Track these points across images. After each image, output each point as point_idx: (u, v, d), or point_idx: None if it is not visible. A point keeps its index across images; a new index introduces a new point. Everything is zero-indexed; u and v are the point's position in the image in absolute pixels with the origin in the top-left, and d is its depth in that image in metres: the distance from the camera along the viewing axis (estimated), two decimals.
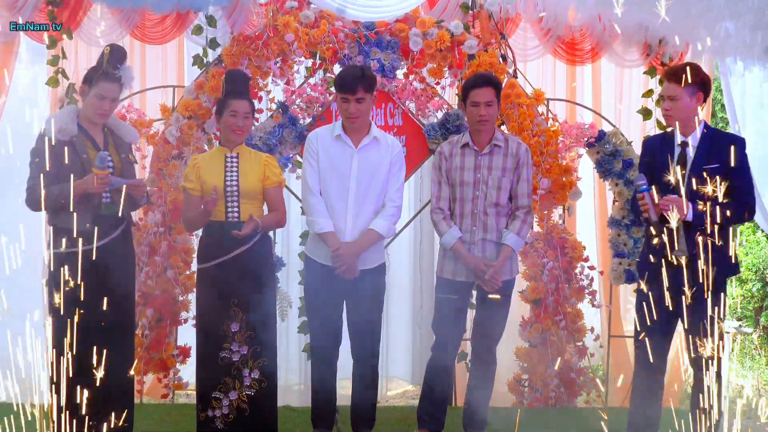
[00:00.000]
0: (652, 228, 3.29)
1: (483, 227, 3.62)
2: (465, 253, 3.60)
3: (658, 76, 4.55)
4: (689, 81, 3.32)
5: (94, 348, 3.14)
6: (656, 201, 3.26)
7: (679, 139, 3.42)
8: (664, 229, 3.23)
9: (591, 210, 5.04)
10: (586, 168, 4.79)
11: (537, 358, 4.39)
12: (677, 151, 3.40)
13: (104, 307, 3.22)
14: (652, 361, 3.29)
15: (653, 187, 3.28)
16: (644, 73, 4.72)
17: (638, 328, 3.39)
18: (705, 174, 3.25)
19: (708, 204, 3.19)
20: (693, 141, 3.39)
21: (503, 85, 4.35)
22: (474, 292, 3.79)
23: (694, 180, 3.26)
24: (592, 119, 4.75)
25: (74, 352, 3.04)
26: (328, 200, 3.56)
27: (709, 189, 3.14)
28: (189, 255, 4.41)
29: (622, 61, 4.70)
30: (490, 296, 3.59)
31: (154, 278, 4.34)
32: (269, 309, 3.62)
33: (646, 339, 3.28)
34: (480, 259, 3.60)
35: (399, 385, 5.15)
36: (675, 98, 3.37)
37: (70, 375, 3.01)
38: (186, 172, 3.64)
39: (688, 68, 3.34)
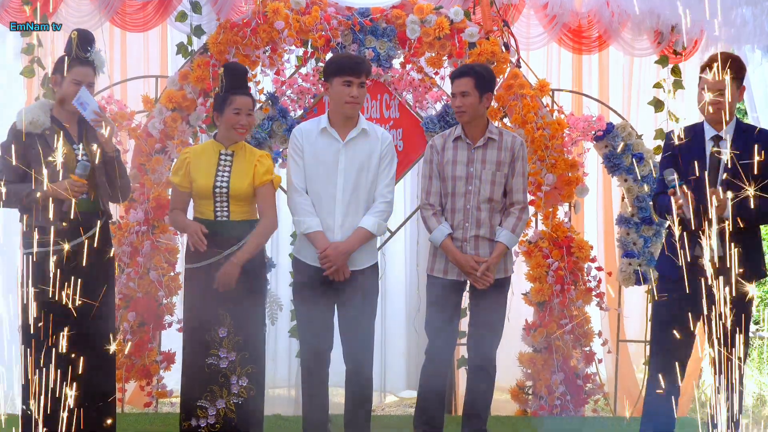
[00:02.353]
0: (672, 227, 3.26)
1: (476, 223, 3.62)
2: (455, 250, 3.61)
3: (671, 65, 4.55)
4: (736, 73, 3.32)
5: (72, 355, 3.15)
6: (689, 197, 3.22)
7: (710, 132, 3.39)
8: (693, 227, 3.19)
9: (595, 207, 5.02)
10: (591, 163, 4.76)
11: (541, 364, 4.39)
12: (709, 145, 3.37)
13: (81, 312, 3.22)
14: (669, 367, 3.28)
15: (684, 182, 3.25)
16: (655, 62, 4.69)
17: (656, 333, 3.36)
18: (740, 170, 3.22)
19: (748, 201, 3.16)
20: (727, 135, 3.35)
21: (505, 75, 4.40)
22: (466, 294, 3.80)
23: (726, 176, 3.23)
24: (599, 111, 4.74)
25: (51, 360, 3.04)
26: (315, 198, 3.56)
27: (749, 189, 3.12)
28: (173, 255, 4.40)
29: (631, 49, 4.69)
30: (476, 286, 3.60)
31: (136, 280, 4.33)
32: (259, 313, 3.63)
33: (664, 344, 3.26)
34: (471, 256, 3.60)
35: (395, 393, 5.15)
36: (723, 90, 3.34)
37: (47, 384, 3.02)
38: (175, 165, 3.62)
39: (733, 61, 3.33)
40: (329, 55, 4.41)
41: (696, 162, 3.27)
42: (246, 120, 3.54)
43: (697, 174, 3.23)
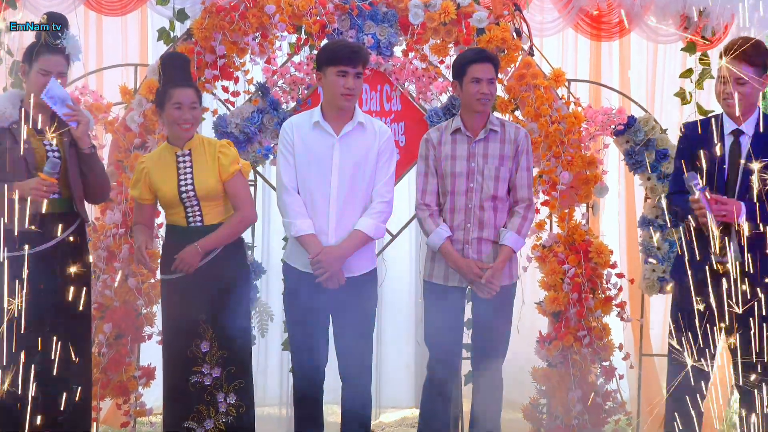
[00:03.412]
0: (686, 230, 3.25)
1: (478, 224, 3.56)
2: (455, 254, 3.54)
3: (698, 53, 4.44)
4: (761, 61, 3.24)
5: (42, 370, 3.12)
6: (712, 203, 3.18)
7: (729, 125, 3.31)
8: (712, 231, 3.17)
9: (616, 208, 4.96)
10: (611, 160, 4.70)
11: (557, 380, 4.25)
12: (728, 141, 3.30)
13: (53, 325, 3.21)
14: (690, 383, 3.24)
15: (708, 187, 3.21)
16: (682, 50, 4.58)
17: (674, 346, 3.31)
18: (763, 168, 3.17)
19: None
20: (749, 129, 3.28)
21: (517, 64, 4.29)
22: (468, 303, 3.73)
23: (745, 174, 3.21)
24: (620, 103, 4.66)
25: (19, 375, 3.03)
26: (308, 198, 3.50)
27: None
28: (153, 260, 4.21)
29: (655, 35, 4.59)
30: (480, 295, 3.54)
31: (113, 288, 4.20)
32: (243, 324, 3.59)
33: (684, 358, 3.22)
34: (474, 261, 3.52)
35: (395, 411, 5.09)
36: (745, 81, 3.25)
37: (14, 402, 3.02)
38: (133, 177, 3.60)
39: (754, 46, 3.25)
40: (325, 43, 4.25)
41: (710, 160, 3.21)
42: (190, 114, 3.48)
43: (715, 173, 3.20)
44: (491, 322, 3.59)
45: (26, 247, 3.22)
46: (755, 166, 3.09)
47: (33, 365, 3.10)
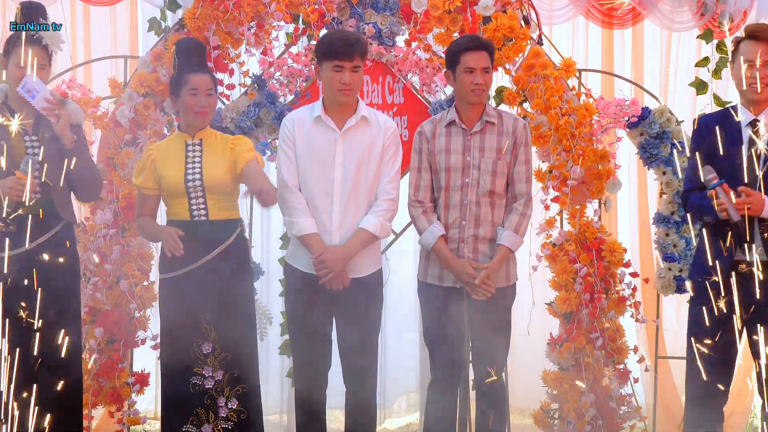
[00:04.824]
0: (704, 229, 3.23)
1: (474, 221, 3.53)
2: (448, 254, 3.51)
3: (715, 41, 4.41)
4: None
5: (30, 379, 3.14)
6: (732, 198, 3.13)
7: (746, 116, 3.27)
8: (735, 227, 3.14)
9: (627, 204, 4.93)
10: (623, 154, 4.66)
11: (569, 384, 4.22)
12: (746, 133, 3.26)
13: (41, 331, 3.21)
14: (710, 387, 3.25)
15: (725, 181, 3.16)
16: (698, 37, 4.56)
17: (693, 348, 3.29)
18: None
19: None
20: (766, 119, 3.25)
21: (525, 53, 4.25)
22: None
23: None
24: (633, 94, 4.62)
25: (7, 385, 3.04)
26: (310, 196, 3.48)
27: None
28: (146, 262, 4.28)
29: (670, 22, 4.57)
30: (474, 297, 3.51)
31: (105, 291, 4.19)
32: (249, 325, 3.59)
33: (703, 361, 3.21)
34: (468, 261, 3.49)
35: (401, 417, 5.09)
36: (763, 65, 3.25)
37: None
38: (138, 165, 3.58)
39: None
40: (324, 32, 4.24)
41: (726, 152, 3.19)
42: (206, 101, 3.49)
43: (733, 167, 3.17)
44: (490, 326, 3.55)
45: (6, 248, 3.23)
46: None
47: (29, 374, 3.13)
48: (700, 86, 4.49)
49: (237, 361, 3.49)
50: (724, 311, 3.21)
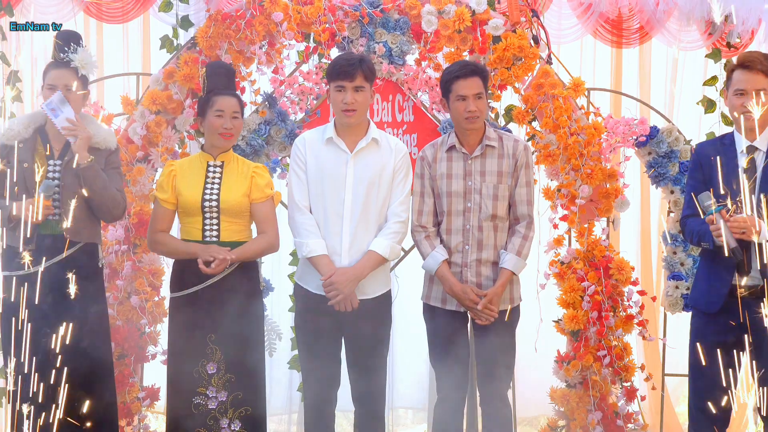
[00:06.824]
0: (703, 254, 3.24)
1: (477, 245, 3.53)
2: (452, 279, 3.51)
3: (723, 60, 4.40)
4: None
5: (62, 394, 3.22)
6: (729, 224, 3.16)
7: (742, 143, 3.30)
8: (731, 252, 3.15)
9: (629, 222, 4.92)
10: (630, 172, 4.62)
11: (576, 401, 4.25)
12: (742, 159, 3.29)
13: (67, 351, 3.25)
14: (712, 411, 3.26)
15: (724, 206, 3.19)
16: (706, 56, 4.56)
17: (694, 371, 3.33)
18: None
19: None
20: (762, 145, 3.28)
21: (534, 72, 4.28)
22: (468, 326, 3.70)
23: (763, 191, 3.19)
24: (641, 113, 4.63)
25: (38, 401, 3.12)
26: (320, 217, 3.49)
27: None
28: (157, 278, 4.29)
29: (678, 42, 4.56)
30: (477, 322, 3.52)
31: (116, 306, 4.21)
32: (255, 347, 3.57)
33: (704, 384, 3.24)
34: (470, 287, 3.49)
35: (408, 429, 5.11)
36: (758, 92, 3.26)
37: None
38: (160, 179, 3.60)
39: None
40: (334, 51, 4.30)
41: (724, 179, 3.21)
42: (231, 123, 3.52)
43: (729, 193, 3.18)
44: (493, 349, 3.55)
45: (26, 266, 3.33)
46: None
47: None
48: (709, 105, 4.48)
49: (242, 383, 3.49)
50: (723, 334, 3.25)
